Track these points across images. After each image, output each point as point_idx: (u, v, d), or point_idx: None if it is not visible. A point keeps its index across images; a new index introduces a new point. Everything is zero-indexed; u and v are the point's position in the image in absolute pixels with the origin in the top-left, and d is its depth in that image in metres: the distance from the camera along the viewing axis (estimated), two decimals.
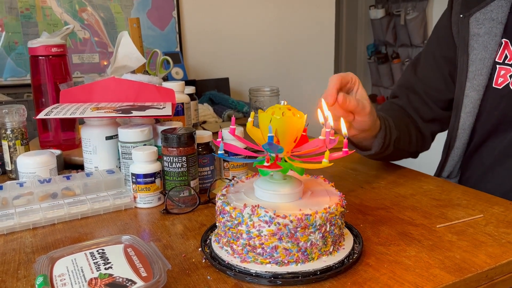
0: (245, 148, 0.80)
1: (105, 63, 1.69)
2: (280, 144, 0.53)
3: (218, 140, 0.57)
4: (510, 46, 0.83)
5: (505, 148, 0.86)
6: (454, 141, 0.91)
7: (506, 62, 0.83)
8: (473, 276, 0.52)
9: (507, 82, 0.83)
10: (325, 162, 0.52)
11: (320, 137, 0.56)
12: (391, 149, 0.86)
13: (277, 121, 0.52)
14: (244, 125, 0.79)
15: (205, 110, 1.46)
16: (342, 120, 0.57)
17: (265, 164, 0.52)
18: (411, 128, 0.94)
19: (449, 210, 0.70)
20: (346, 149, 0.53)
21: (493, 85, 0.85)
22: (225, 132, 0.82)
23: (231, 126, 0.59)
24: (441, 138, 1.02)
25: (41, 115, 0.77)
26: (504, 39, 0.84)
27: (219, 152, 0.55)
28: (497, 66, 0.84)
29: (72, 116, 0.76)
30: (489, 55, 0.84)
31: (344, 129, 0.57)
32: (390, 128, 0.85)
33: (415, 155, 0.99)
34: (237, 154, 0.71)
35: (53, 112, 0.77)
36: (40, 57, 0.97)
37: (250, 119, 0.57)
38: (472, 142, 0.91)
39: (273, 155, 0.54)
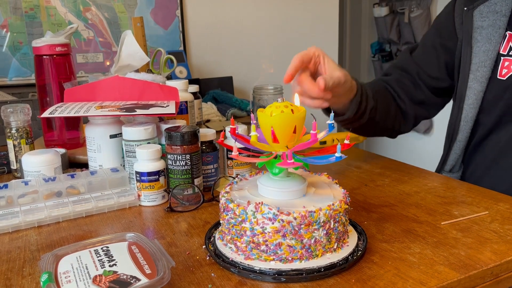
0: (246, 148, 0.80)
1: (108, 63, 1.69)
2: (279, 141, 0.53)
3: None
4: None
5: (510, 140, 0.86)
6: (457, 134, 0.92)
7: (510, 54, 0.84)
8: (478, 272, 0.52)
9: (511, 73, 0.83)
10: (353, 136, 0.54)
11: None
12: (366, 118, 0.85)
13: (275, 119, 0.52)
14: (247, 123, 0.79)
15: (209, 109, 1.46)
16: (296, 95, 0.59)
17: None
18: (390, 103, 0.93)
19: (453, 207, 0.70)
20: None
21: (497, 77, 0.85)
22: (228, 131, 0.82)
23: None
24: (442, 132, 1.01)
25: (45, 114, 0.77)
26: (508, 32, 0.85)
27: (336, 155, 0.52)
28: (501, 58, 0.85)
29: (76, 114, 0.76)
30: (493, 47, 0.85)
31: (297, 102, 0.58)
32: (367, 96, 0.84)
33: (392, 134, 0.98)
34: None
35: (58, 111, 0.78)
36: (45, 56, 0.97)
37: (253, 133, 0.56)
38: (475, 135, 0.91)
39: (280, 153, 0.54)
